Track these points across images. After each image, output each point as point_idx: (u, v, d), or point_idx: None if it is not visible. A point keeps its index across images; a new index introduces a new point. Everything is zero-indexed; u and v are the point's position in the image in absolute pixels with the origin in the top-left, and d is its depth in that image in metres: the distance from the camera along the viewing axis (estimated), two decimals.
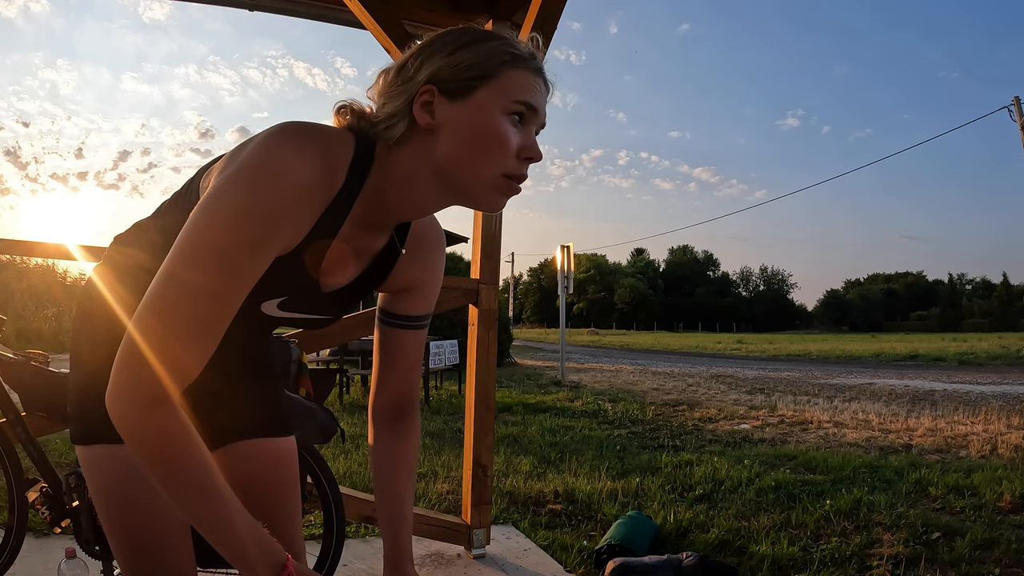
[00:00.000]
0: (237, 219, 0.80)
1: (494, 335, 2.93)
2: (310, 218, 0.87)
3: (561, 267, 12.26)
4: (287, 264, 0.90)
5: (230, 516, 0.80)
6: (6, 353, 2.02)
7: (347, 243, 0.96)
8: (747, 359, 21.79)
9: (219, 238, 0.79)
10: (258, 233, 0.81)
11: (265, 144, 0.84)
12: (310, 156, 0.84)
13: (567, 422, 6.91)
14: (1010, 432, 6.33)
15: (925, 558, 2.96)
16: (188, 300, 0.79)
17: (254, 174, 0.81)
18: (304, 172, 0.83)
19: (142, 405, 0.77)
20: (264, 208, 0.80)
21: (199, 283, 0.79)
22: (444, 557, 2.86)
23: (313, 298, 1.02)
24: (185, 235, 0.81)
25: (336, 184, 0.88)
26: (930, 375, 14.41)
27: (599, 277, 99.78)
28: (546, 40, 2.57)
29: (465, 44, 0.91)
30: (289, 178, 0.81)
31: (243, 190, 0.81)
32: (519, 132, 0.89)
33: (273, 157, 0.82)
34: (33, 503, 2.02)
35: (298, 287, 0.98)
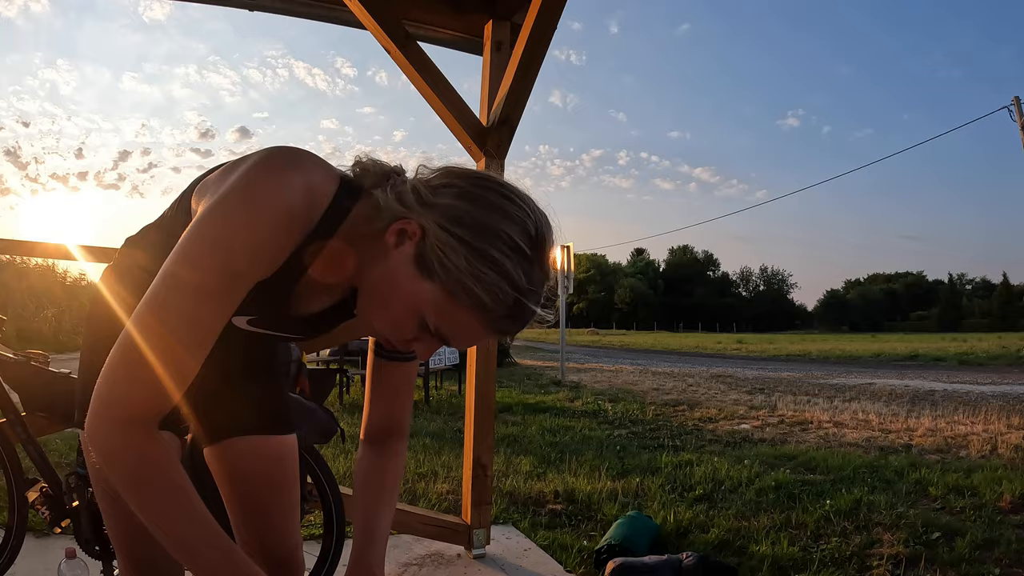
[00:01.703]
0: (218, 253, 0.82)
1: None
2: (287, 249, 0.88)
3: (561, 267, 12.26)
4: (260, 289, 0.90)
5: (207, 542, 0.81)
6: (6, 353, 2.02)
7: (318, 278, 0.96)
8: (747, 359, 21.79)
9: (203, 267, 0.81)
10: (238, 267, 0.83)
11: (252, 172, 0.85)
12: (294, 188, 0.85)
13: (567, 422, 6.91)
14: (1010, 432, 6.33)
15: (925, 558, 2.96)
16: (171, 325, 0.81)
17: (240, 203, 0.83)
18: (285, 204, 0.84)
19: (122, 424, 0.78)
20: (243, 242, 0.82)
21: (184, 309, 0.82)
22: (444, 557, 2.86)
23: (282, 319, 1.04)
24: (170, 262, 0.83)
25: (313, 218, 0.89)
26: (930, 375, 14.41)
27: (599, 277, 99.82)
28: (546, 40, 2.57)
29: (487, 257, 0.82)
30: (270, 210, 0.83)
31: (226, 222, 0.82)
32: (417, 331, 0.89)
33: (259, 187, 0.84)
34: (33, 503, 2.02)
35: (267, 310, 1.00)
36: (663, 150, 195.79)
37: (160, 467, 0.80)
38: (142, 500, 0.79)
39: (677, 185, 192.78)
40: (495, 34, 2.99)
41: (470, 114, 2.89)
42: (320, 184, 0.89)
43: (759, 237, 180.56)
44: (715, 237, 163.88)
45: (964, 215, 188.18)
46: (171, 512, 0.80)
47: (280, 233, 0.85)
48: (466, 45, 3.21)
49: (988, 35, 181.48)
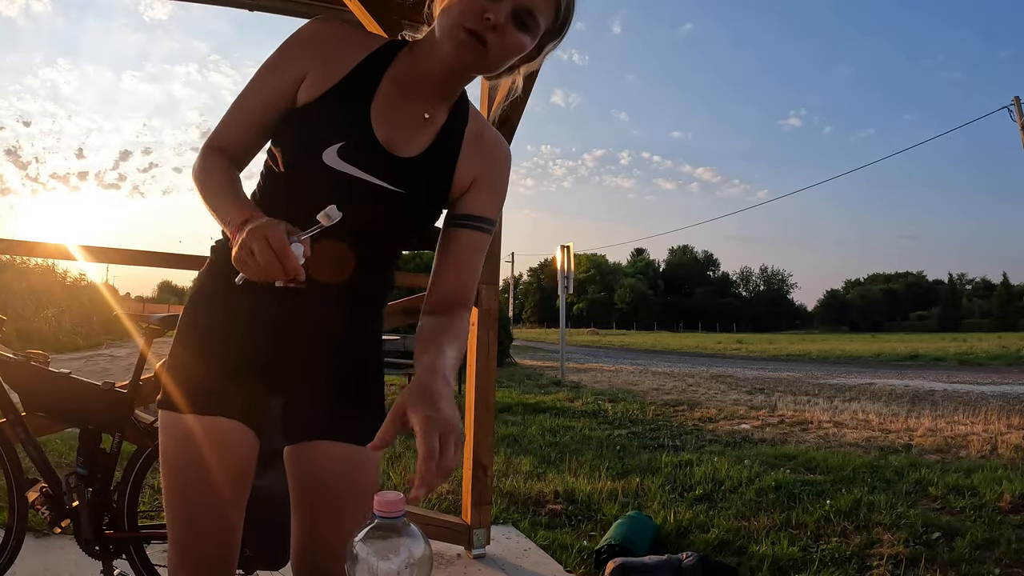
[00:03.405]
0: (275, 51, 1.09)
1: (494, 335, 2.93)
2: (336, 60, 1.06)
3: (561, 267, 12.26)
4: (330, 105, 1.05)
5: (217, 201, 1.03)
6: (6, 353, 2.02)
7: (397, 104, 1.08)
8: (747, 359, 21.79)
9: (261, 65, 1.10)
10: (280, 53, 1.08)
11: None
12: (337, 23, 1.11)
13: (567, 422, 6.91)
14: (1010, 432, 6.33)
15: (925, 558, 2.96)
16: (235, 99, 1.11)
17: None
18: (327, 23, 1.10)
19: (204, 148, 1.10)
20: (289, 39, 1.09)
21: (246, 85, 1.10)
22: (444, 557, 2.86)
23: (376, 154, 1.06)
24: None
25: (367, 47, 1.09)
26: (930, 375, 14.42)
27: (599, 277, 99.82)
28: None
29: None
30: (309, 26, 1.09)
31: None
32: (488, 1, 0.98)
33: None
34: (33, 503, 2.02)
35: (350, 131, 1.05)
36: (665, 150, 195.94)
37: (212, 169, 1.06)
38: (198, 184, 1.06)
39: (679, 185, 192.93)
40: None
41: None
42: (367, 33, 1.14)
43: (759, 237, 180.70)
44: (715, 237, 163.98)
45: (965, 215, 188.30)
46: (204, 189, 1.05)
47: (322, 35, 1.08)
48: None
49: (989, 35, 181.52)
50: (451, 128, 1.12)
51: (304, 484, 1.15)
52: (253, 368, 1.11)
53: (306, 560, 1.17)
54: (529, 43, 1.03)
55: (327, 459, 1.14)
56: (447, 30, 1.00)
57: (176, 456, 1.08)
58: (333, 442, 1.14)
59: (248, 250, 0.88)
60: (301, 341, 1.13)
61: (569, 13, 1.05)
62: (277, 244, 0.87)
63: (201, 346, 1.11)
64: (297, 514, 1.17)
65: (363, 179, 1.05)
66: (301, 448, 1.15)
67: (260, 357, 1.11)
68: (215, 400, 1.08)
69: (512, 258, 46.39)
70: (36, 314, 15.57)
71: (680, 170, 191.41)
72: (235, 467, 1.09)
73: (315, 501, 1.15)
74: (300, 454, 1.15)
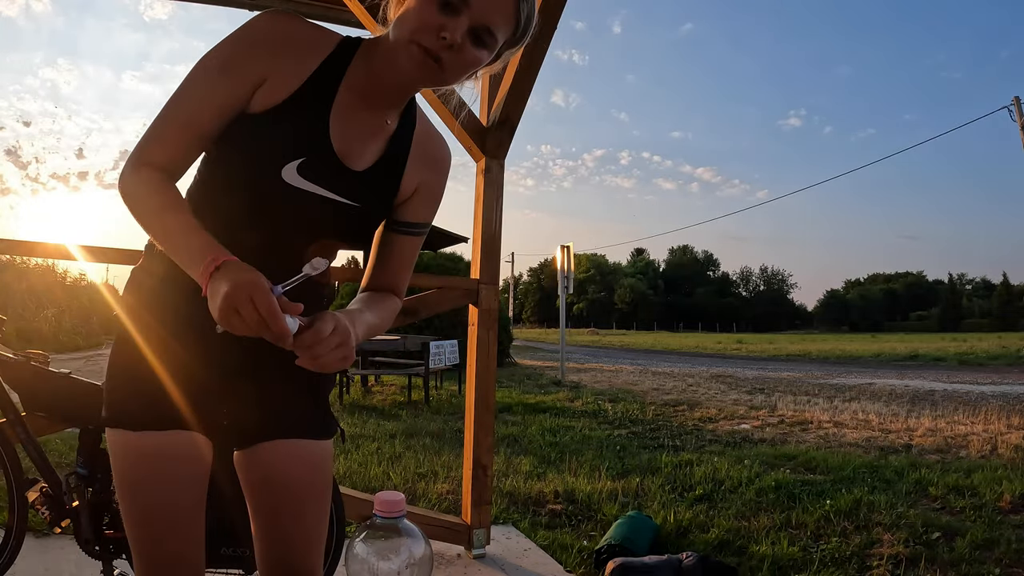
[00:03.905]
0: (215, 48, 0.99)
1: (494, 335, 2.93)
2: (294, 66, 1.00)
3: (561, 267, 12.26)
4: (291, 116, 0.99)
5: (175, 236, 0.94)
6: (6, 353, 2.02)
7: (353, 114, 1.05)
8: (747, 359, 21.79)
9: (199, 63, 0.99)
10: (230, 52, 0.98)
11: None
12: (289, 17, 1.02)
13: (567, 422, 6.91)
14: (1010, 432, 6.33)
15: (925, 558, 2.96)
16: (170, 102, 1.00)
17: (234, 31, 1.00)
18: (282, 18, 1.01)
19: (132, 164, 0.99)
20: (237, 35, 0.99)
21: (180, 89, 0.99)
22: (444, 557, 2.86)
23: (333, 169, 1.03)
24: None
25: (323, 50, 1.02)
26: (930, 375, 14.41)
27: (599, 277, 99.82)
28: (546, 40, 2.57)
29: None
30: (261, 22, 1.00)
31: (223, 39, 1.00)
32: (444, 16, 0.95)
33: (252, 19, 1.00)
34: (33, 503, 2.02)
35: (311, 147, 1.01)
36: (665, 150, 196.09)
37: (150, 189, 0.97)
38: (135, 212, 0.97)
39: (679, 185, 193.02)
40: None
41: (470, 114, 2.89)
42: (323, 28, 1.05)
43: (759, 237, 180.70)
44: (715, 237, 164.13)
45: (965, 215, 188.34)
46: (150, 219, 0.97)
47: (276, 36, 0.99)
48: None
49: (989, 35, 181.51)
50: (401, 135, 1.11)
51: (262, 487, 1.12)
52: (201, 375, 1.06)
53: (273, 562, 1.14)
54: (486, 57, 1.01)
55: (283, 459, 1.12)
56: (401, 43, 0.97)
57: (135, 477, 1.03)
58: (287, 440, 1.12)
59: (233, 310, 0.83)
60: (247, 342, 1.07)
61: (529, 23, 1.03)
62: (266, 308, 0.83)
63: (145, 358, 1.04)
64: (259, 518, 1.14)
65: (321, 195, 1.03)
66: (255, 452, 1.12)
67: (207, 363, 1.06)
68: (166, 413, 1.03)
69: (512, 258, 46.40)
70: (36, 314, 15.57)
71: (680, 170, 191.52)
72: (195, 480, 1.06)
73: (277, 503, 1.12)
74: (254, 458, 1.12)
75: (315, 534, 1.16)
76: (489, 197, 2.92)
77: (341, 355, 0.92)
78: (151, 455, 1.02)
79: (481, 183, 2.93)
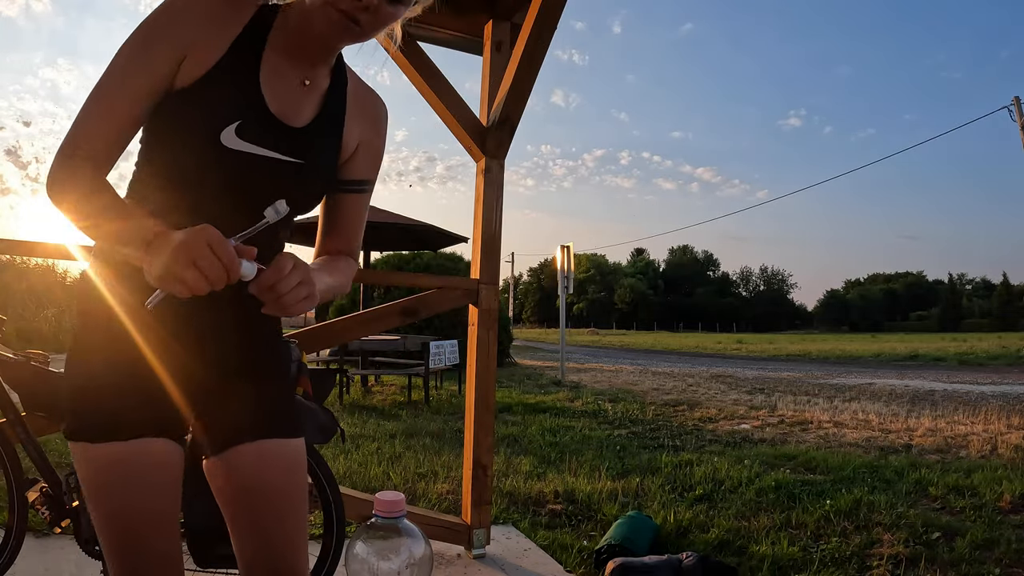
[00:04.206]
0: (135, 30, 0.98)
1: (494, 335, 2.93)
2: (216, 34, 0.99)
3: (561, 267, 12.25)
4: (221, 82, 0.99)
5: (109, 222, 0.93)
6: (6, 353, 2.02)
7: (282, 74, 1.05)
8: (747, 359, 21.78)
9: (121, 48, 0.98)
10: (150, 32, 0.97)
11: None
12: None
13: (567, 422, 6.91)
14: (1010, 432, 6.33)
15: (925, 558, 2.96)
16: (95, 91, 0.97)
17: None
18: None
19: (63, 157, 0.95)
20: (155, 14, 0.98)
21: (105, 75, 0.97)
22: (444, 557, 2.86)
23: (272, 128, 1.03)
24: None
25: (244, 15, 1.02)
26: (930, 375, 14.41)
27: (599, 277, 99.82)
28: (545, 40, 2.57)
29: None
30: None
31: (143, 20, 0.99)
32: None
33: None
34: (33, 503, 2.02)
35: (246, 109, 1.01)
36: (665, 150, 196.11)
37: (80, 186, 0.94)
38: (63, 206, 0.94)
39: (679, 185, 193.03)
40: (495, 34, 2.99)
41: (470, 114, 2.89)
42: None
43: (759, 237, 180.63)
44: (715, 237, 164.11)
45: (965, 215, 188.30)
46: (83, 216, 0.94)
47: (196, 7, 0.98)
48: (466, 45, 3.21)
49: (989, 35, 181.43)
50: (335, 92, 1.12)
51: (239, 495, 1.10)
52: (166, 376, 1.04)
53: (256, 565, 1.12)
54: (403, 11, 1.02)
55: (259, 461, 1.09)
56: (317, 6, 0.98)
57: (108, 491, 1.00)
58: (260, 441, 1.09)
59: (188, 263, 0.81)
60: (209, 341, 1.08)
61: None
62: (227, 256, 0.82)
63: (106, 365, 1.02)
64: (239, 527, 1.11)
65: (265, 156, 1.03)
66: (228, 457, 1.09)
67: (172, 364, 1.04)
68: (132, 421, 1.00)
69: (512, 258, 46.41)
70: (36, 314, 15.56)
71: (680, 170, 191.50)
72: (168, 486, 1.04)
73: (257, 509, 1.10)
74: (229, 464, 1.09)
75: (298, 536, 1.14)
76: (489, 197, 2.92)
77: (304, 293, 0.91)
78: (123, 465, 0.99)
79: (481, 183, 2.93)
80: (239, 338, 1.12)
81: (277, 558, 1.12)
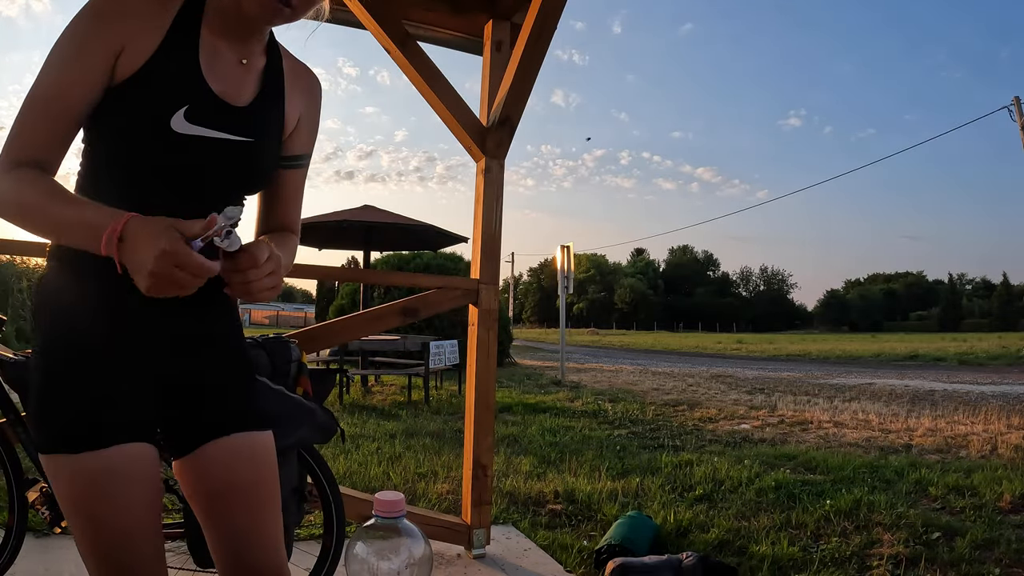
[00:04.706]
0: (64, 30, 0.97)
1: (494, 335, 2.93)
2: (149, 25, 0.99)
3: (561, 267, 12.25)
4: (163, 69, 0.99)
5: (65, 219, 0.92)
6: (6, 353, 2.02)
7: (220, 55, 1.05)
8: (747, 359, 21.78)
9: (52, 50, 0.97)
10: (81, 30, 0.96)
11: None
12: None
13: (567, 422, 6.91)
14: (1010, 432, 6.33)
15: (925, 558, 2.96)
16: (31, 95, 0.96)
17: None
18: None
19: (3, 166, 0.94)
20: (83, 13, 0.97)
21: (40, 80, 0.96)
22: (444, 557, 2.86)
23: (219, 109, 1.04)
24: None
25: (176, 2, 1.02)
26: (930, 375, 14.41)
27: (599, 277, 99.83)
28: (545, 40, 2.57)
29: None
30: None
31: (70, 21, 0.98)
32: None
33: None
34: (33, 503, 2.02)
35: (191, 92, 1.01)
36: (665, 150, 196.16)
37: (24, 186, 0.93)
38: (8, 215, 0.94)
39: (679, 185, 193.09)
40: (495, 34, 2.99)
41: (470, 114, 2.89)
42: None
43: (759, 237, 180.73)
44: (715, 237, 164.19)
45: (965, 215, 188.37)
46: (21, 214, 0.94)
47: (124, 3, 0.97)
48: (466, 45, 3.21)
49: (989, 35, 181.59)
50: (271, 69, 1.14)
51: (213, 495, 1.09)
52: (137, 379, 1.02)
53: (233, 562, 1.11)
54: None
55: (228, 457, 1.09)
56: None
57: (93, 502, 0.97)
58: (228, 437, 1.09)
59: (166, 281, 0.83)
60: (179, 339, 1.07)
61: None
62: (196, 268, 0.84)
63: (77, 371, 0.99)
64: (216, 527, 1.10)
65: (215, 137, 1.03)
66: (196, 458, 1.08)
67: (142, 365, 1.03)
68: (110, 426, 0.97)
69: (512, 258, 46.42)
70: None
71: (680, 170, 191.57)
72: (150, 489, 1.01)
73: (232, 508, 1.09)
74: (197, 464, 1.08)
75: (275, 530, 1.13)
76: (489, 197, 2.92)
77: (273, 283, 0.95)
78: (103, 474, 0.96)
79: (481, 183, 2.93)
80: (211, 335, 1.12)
81: (255, 555, 1.11)
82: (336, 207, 39.47)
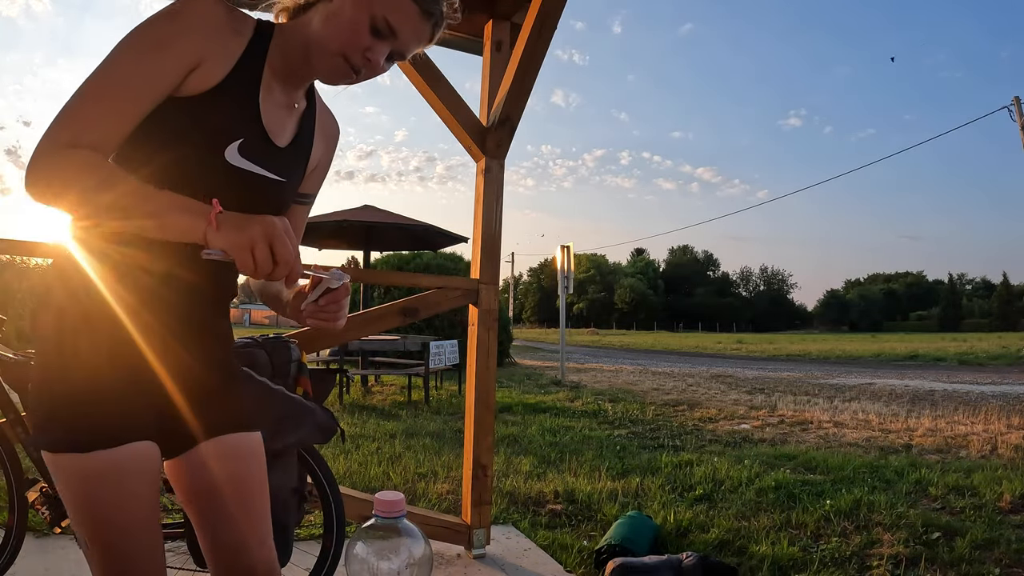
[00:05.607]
0: (144, 28, 0.96)
1: (494, 335, 2.93)
2: (224, 49, 1.01)
3: (561, 267, 12.25)
4: (229, 97, 1.01)
5: (149, 198, 0.90)
6: (6, 353, 2.02)
7: (274, 95, 1.09)
8: (747, 359, 21.78)
9: (127, 43, 0.95)
10: (165, 32, 0.96)
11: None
12: (215, 0, 1.02)
13: (567, 422, 6.91)
14: (1010, 432, 6.33)
15: (925, 558, 2.96)
16: (96, 81, 0.93)
17: (157, 12, 0.99)
18: (209, 3, 1.00)
19: (62, 146, 0.90)
20: (170, 17, 0.97)
21: (109, 68, 0.94)
22: (444, 557, 2.86)
23: (266, 147, 1.08)
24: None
25: (246, 32, 1.05)
26: (930, 375, 14.41)
27: (599, 277, 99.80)
28: (545, 40, 2.58)
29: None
30: (193, 4, 0.99)
31: (149, 19, 0.98)
32: (373, 39, 1.03)
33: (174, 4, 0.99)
34: (33, 503, 2.02)
35: (247, 128, 1.05)
36: (665, 150, 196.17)
37: (94, 165, 0.91)
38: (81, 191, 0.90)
39: (679, 185, 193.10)
40: (495, 34, 2.99)
41: (470, 114, 2.89)
42: (239, 12, 1.06)
43: (759, 237, 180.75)
44: (715, 237, 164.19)
45: (965, 215, 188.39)
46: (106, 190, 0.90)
47: (206, 18, 0.99)
48: (466, 45, 3.21)
49: (989, 35, 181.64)
50: (308, 114, 1.18)
51: (203, 493, 1.11)
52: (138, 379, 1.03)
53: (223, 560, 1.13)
54: (390, 66, 1.11)
55: (219, 459, 1.11)
56: (326, 48, 1.03)
57: (99, 501, 0.97)
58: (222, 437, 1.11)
59: (265, 242, 0.86)
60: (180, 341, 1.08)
61: (435, 38, 1.11)
62: (295, 248, 0.90)
63: (82, 371, 0.99)
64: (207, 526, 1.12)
65: (259, 174, 1.07)
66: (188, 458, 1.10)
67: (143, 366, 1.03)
68: (117, 427, 0.98)
69: (512, 258, 46.44)
70: None
71: (680, 170, 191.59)
72: (153, 487, 1.03)
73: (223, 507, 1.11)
74: (188, 464, 1.10)
75: (264, 527, 1.16)
76: (489, 197, 2.92)
77: (343, 316, 1.05)
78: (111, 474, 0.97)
79: (481, 183, 2.93)
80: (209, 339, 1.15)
81: (247, 553, 1.13)
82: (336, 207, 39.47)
